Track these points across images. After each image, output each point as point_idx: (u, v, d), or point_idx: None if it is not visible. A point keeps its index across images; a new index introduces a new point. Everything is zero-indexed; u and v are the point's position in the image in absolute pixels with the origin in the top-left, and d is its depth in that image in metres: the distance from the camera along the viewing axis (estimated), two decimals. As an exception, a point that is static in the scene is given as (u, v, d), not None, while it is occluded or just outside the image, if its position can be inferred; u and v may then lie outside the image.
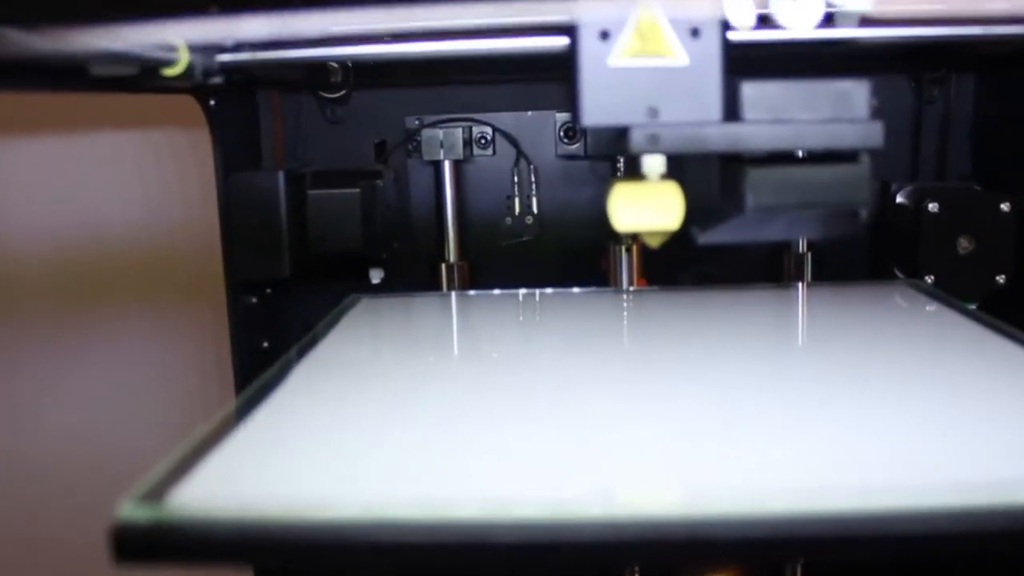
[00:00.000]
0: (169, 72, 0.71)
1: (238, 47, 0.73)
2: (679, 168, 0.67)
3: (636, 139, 0.65)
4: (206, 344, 1.30)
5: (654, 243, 0.68)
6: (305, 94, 1.24)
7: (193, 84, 0.76)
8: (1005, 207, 1.07)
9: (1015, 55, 1.09)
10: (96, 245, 1.26)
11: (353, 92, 1.24)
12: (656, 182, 0.65)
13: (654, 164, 0.66)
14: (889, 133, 0.65)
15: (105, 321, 1.28)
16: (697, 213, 0.68)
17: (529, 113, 1.24)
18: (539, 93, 1.24)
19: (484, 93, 1.25)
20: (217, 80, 0.74)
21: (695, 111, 0.65)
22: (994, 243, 1.07)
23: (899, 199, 1.13)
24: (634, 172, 0.68)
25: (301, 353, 0.77)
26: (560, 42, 0.67)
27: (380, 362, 0.79)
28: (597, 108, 0.65)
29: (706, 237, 0.69)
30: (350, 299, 0.98)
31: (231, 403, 0.64)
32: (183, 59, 0.71)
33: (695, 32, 0.64)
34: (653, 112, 0.65)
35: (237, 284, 1.12)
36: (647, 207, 0.64)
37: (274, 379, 0.69)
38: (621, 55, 0.64)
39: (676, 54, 0.64)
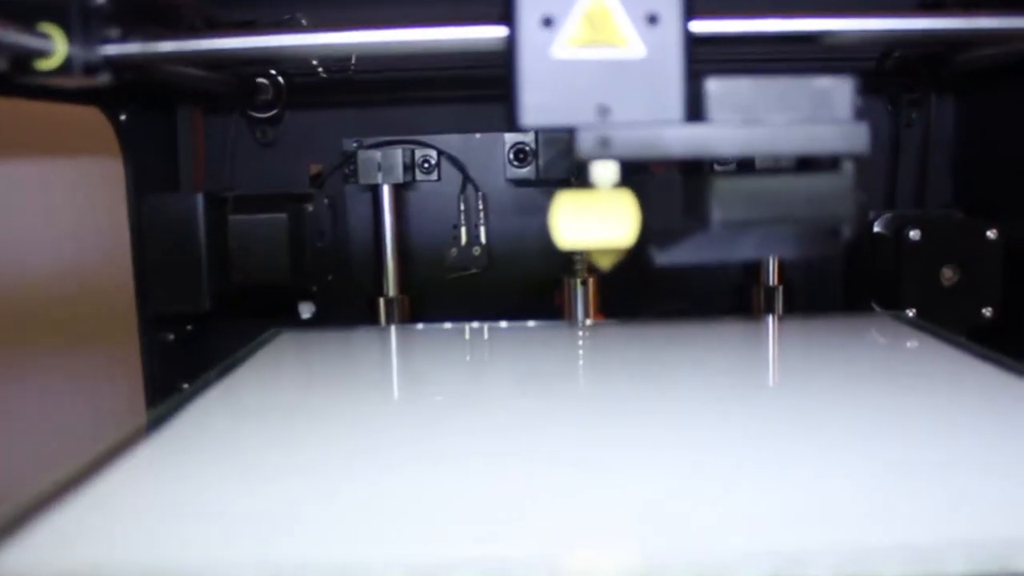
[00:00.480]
0: (44, 65, 0.61)
1: (126, 38, 0.63)
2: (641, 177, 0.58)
3: (584, 143, 0.55)
4: (117, 386, 1.18)
5: (604, 263, 0.58)
6: (234, 114, 1.14)
7: (83, 85, 0.65)
8: (991, 234, 0.98)
9: (997, 72, 1.02)
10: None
11: (287, 112, 1.14)
12: (606, 192, 0.56)
13: (605, 172, 0.56)
14: (865, 158, 0.57)
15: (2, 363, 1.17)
16: (656, 229, 0.59)
17: (477, 135, 1.14)
18: (488, 114, 1.14)
19: (429, 114, 1.15)
20: (105, 78, 0.64)
21: (652, 110, 0.55)
22: (980, 273, 0.99)
23: (877, 228, 1.05)
24: (584, 182, 0.58)
25: (195, 393, 0.66)
26: (497, 32, 0.57)
27: (284, 405, 0.68)
28: (538, 107, 0.55)
29: (666, 257, 0.59)
30: (268, 333, 0.88)
31: (93, 448, 0.53)
32: (60, 50, 0.61)
33: (652, 19, 0.55)
34: (604, 111, 0.55)
35: (151, 319, 1.01)
36: (595, 220, 0.55)
37: (157, 422, 0.59)
38: (567, 45, 0.55)
39: (630, 44, 0.55)
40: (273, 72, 1.11)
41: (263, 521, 0.45)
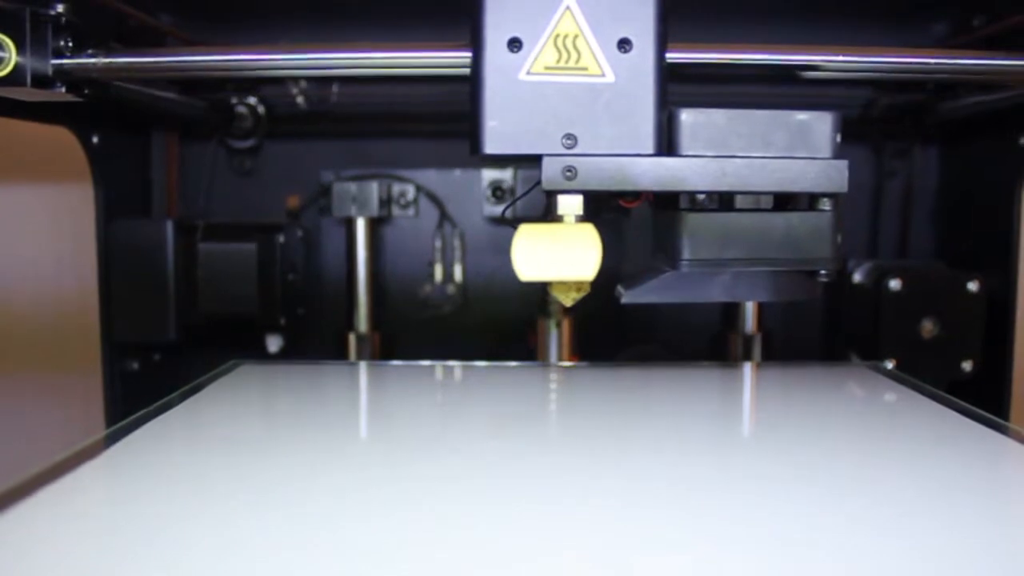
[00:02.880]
0: (-6, 72, 0.59)
1: (80, 49, 0.61)
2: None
3: (550, 172, 0.54)
4: (76, 415, 1.15)
5: (567, 299, 0.56)
6: (212, 142, 1.12)
7: (37, 98, 0.64)
8: (972, 286, 0.96)
9: (981, 122, 1.01)
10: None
11: (266, 142, 1.12)
12: (568, 225, 0.53)
13: (571, 204, 0.54)
14: (847, 207, 0.55)
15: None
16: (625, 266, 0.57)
17: (456, 171, 1.12)
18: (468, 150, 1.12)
19: (409, 148, 1.13)
20: (59, 91, 0.62)
21: (622, 140, 0.53)
22: (960, 326, 0.97)
23: (857, 277, 1.02)
24: (552, 214, 0.56)
25: (133, 427, 0.63)
26: (462, 55, 0.55)
27: (224, 441, 0.64)
28: (502, 133, 0.53)
29: (632, 296, 0.57)
30: (227, 365, 0.85)
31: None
32: (11, 59, 0.59)
33: (625, 45, 0.53)
34: (571, 140, 0.53)
35: (115, 347, 0.99)
36: (555, 253, 0.52)
37: (83, 455, 0.56)
38: (534, 69, 0.53)
39: (601, 70, 0.53)
40: (252, 101, 1.09)
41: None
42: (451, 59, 0.58)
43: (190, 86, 1.04)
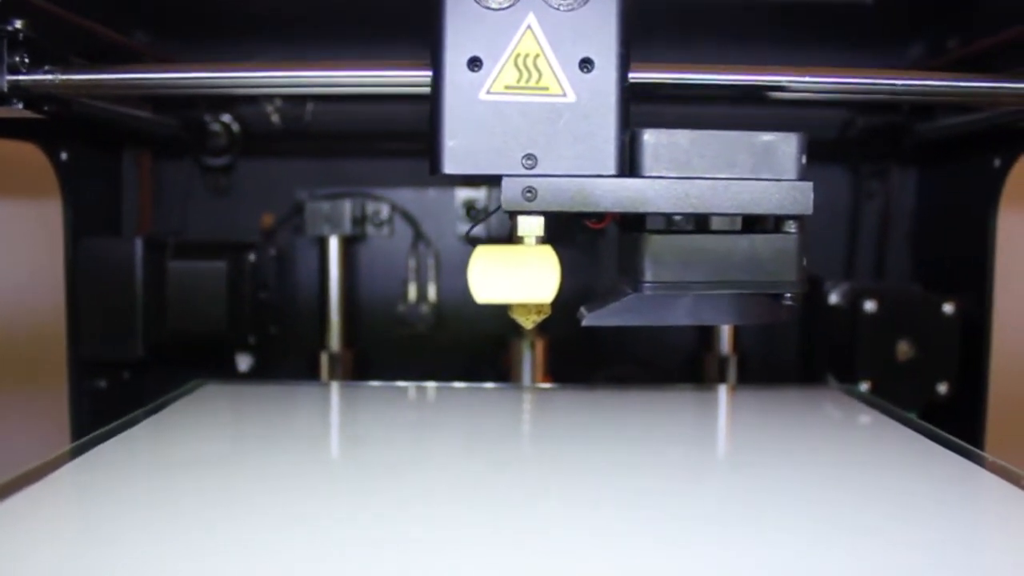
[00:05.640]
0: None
1: (37, 65, 0.60)
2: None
3: (509, 193, 0.53)
4: (40, 432, 1.14)
5: (527, 321, 0.55)
6: (186, 160, 1.11)
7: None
8: (948, 309, 0.96)
9: (957, 143, 1.00)
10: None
11: (240, 160, 1.11)
12: (527, 247, 0.53)
13: (531, 225, 0.54)
14: (824, 228, 0.54)
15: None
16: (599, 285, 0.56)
17: (431, 191, 1.11)
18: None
19: (383, 167, 1.13)
20: (18, 106, 0.61)
21: (583, 161, 0.53)
22: (935, 348, 0.96)
23: (833, 298, 1.02)
24: (513, 235, 0.55)
25: (94, 443, 0.62)
26: (422, 73, 0.55)
27: (183, 462, 0.62)
28: (462, 153, 0.52)
29: (593, 319, 0.56)
30: (191, 384, 0.84)
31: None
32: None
33: (587, 64, 0.52)
34: (531, 160, 0.52)
35: (83, 364, 0.97)
36: (512, 276, 0.51)
37: (37, 473, 0.55)
38: (494, 88, 0.52)
39: (562, 89, 0.52)
40: (227, 119, 1.08)
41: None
42: (414, 78, 0.58)
43: (163, 104, 1.03)
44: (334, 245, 1.08)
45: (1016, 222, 1.03)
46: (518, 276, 0.51)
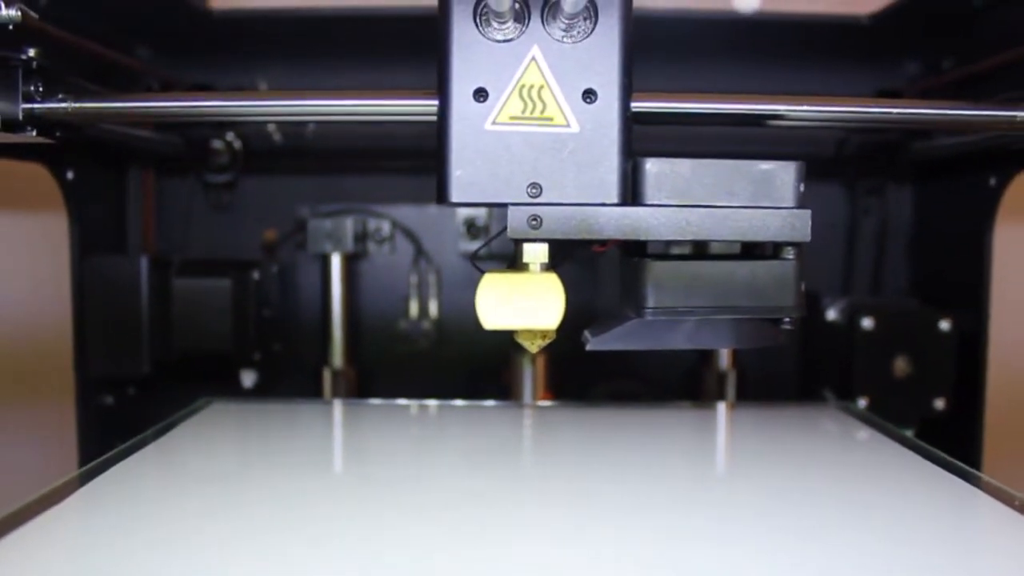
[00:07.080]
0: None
1: (50, 93, 0.61)
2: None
3: (515, 221, 0.54)
4: (48, 449, 1.15)
5: (532, 346, 0.56)
6: (189, 177, 1.12)
7: (8, 141, 0.64)
8: (944, 325, 0.97)
9: (953, 162, 1.02)
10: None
11: (243, 178, 1.12)
12: (532, 275, 0.54)
13: (536, 252, 0.55)
14: (821, 245, 0.55)
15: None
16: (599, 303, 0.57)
17: (432, 207, 1.12)
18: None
19: (385, 184, 1.14)
20: (31, 133, 0.62)
21: (587, 190, 0.54)
22: (932, 364, 0.97)
23: (831, 315, 1.03)
24: (518, 262, 0.56)
25: (107, 465, 0.63)
26: (429, 103, 0.56)
27: (186, 486, 0.63)
28: (468, 182, 0.53)
29: (597, 344, 0.57)
30: (198, 403, 0.85)
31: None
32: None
33: (590, 95, 0.54)
34: (536, 189, 0.54)
35: (89, 381, 0.98)
36: (519, 303, 0.53)
37: (53, 497, 0.56)
38: (499, 119, 0.53)
39: (566, 120, 0.53)
40: (229, 137, 1.09)
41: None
42: (420, 107, 0.59)
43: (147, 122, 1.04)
44: (336, 262, 1.09)
45: (1012, 239, 1.04)
46: (525, 304, 0.53)
